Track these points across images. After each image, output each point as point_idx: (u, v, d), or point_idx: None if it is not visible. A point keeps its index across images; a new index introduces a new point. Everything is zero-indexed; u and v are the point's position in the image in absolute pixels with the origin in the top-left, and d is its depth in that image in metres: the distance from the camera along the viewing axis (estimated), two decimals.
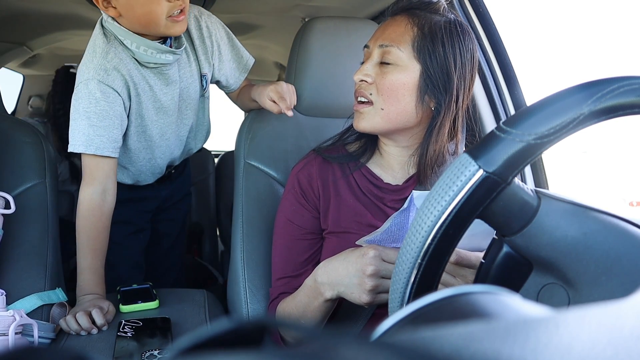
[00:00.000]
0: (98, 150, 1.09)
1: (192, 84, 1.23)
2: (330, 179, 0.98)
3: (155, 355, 0.87)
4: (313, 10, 1.76)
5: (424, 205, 0.49)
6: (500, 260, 0.52)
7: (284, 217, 1.00)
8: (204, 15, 1.21)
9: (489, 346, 0.19)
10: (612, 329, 0.21)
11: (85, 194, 1.11)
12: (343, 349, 0.19)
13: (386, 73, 0.89)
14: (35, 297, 1.03)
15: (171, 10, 1.04)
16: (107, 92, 1.08)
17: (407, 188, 0.95)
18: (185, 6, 1.07)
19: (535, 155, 0.47)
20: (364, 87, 0.90)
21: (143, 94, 1.15)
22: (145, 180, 1.36)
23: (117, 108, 1.10)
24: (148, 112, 1.18)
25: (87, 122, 1.08)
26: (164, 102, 1.19)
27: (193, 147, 1.39)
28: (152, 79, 1.15)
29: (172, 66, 1.16)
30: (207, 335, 0.21)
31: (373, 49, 0.91)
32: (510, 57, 1.35)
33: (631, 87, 0.45)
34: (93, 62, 1.10)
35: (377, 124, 0.91)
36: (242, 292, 1.08)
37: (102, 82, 1.08)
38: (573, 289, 0.48)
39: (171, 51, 1.12)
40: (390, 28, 0.91)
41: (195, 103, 1.27)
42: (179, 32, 1.10)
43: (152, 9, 1.03)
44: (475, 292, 0.29)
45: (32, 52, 2.21)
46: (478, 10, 1.35)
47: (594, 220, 0.48)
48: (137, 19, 1.06)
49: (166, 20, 1.05)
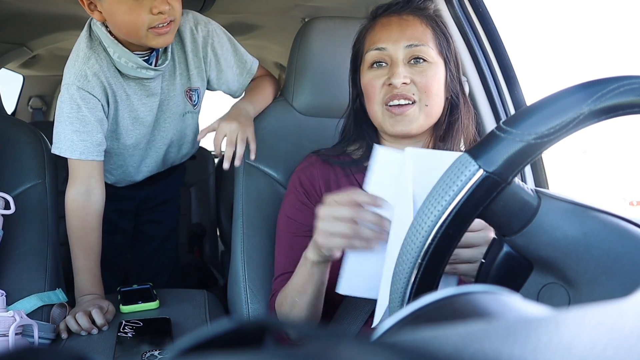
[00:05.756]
0: (83, 155, 1.09)
1: (174, 98, 1.21)
2: (332, 179, 0.99)
3: (155, 356, 0.87)
4: (313, 10, 1.76)
5: (424, 205, 0.49)
6: (501, 260, 0.52)
7: (286, 215, 1.00)
8: (200, 24, 1.17)
9: (490, 346, 0.19)
10: (612, 328, 0.21)
11: (68, 194, 1.11)
12: (343, 348, 0.19)
13: (423, 71, 0.90)
14: (36, 297, 1.03)
15: (153, 22, 1.01)
16: (87, 99, 1.08)
17: None
18: (172, 19, 1.03)
19: (535, 155, 0.47)
20: (407, 89, 0.90)
21: (120, 102, 1.14)
22: (118, 183, 1.35)
23: (98, 113, 1.10)
24: (124, 121, 1.17)
25: (70, 128, 1.08)
26: (141, 112, 1.17)
27: (176, 161, 1.37)
28: (132, 89, 1.14)
29: (155, 79, 1.14)
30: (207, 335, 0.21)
31: (396, 51, 0.90)
32: (510, 57, 1.35)
33: (631, 86, 0.45)
34: (75, 66, 1.09)
35: (423, 122, 0.92)
36: (243, 292, 1.08)
37: (81, 88, 1.07)
38: (573, 288, 0.48)
39: (152, 68, 1.10)
40: (408, 29, 0.91)
41: (176, 117, 1.24)
42: (162, 44, 1.07)
43: (132, 18, 1.00)
44: (475, 292, 0.29)
45: (32, 52, 2.20)
46: (478, 10, 1.35)
47: (594, 220, 0.48)
48: (118, 26, 1.04)
49: (147, 31, 1.02)
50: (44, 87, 3.17)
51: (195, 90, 1.22)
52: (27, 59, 2.40)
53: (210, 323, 1.07)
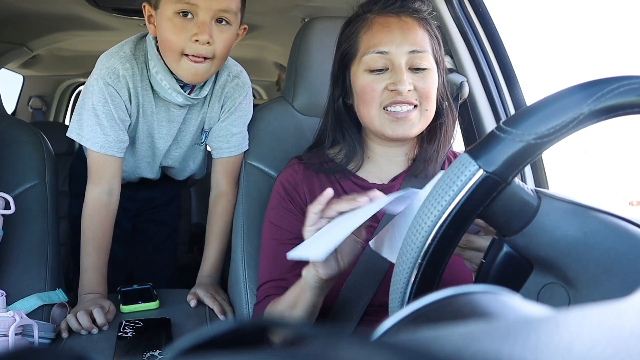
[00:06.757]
0: (102, 149, 1.09)
1: (191, 132, 1.21)
2: (316, 185, 0.97)
3: (155, 356, 0.87)
4: (313, 11, 1.76)
5: (424, 205, 0.49)
6: (501, 260, 0.52)
7: (270, 221, 0.98)
8: (238, 78, 1.17)
9: (490, 346, 0.19)
10: (613, 328, 0.21)
11: (91, 193, 1.11)
12: (343, 349, 0.19)
13: (424, 77, 0.90)
14: (36, 297, 1.03)
15: (189, 49, 1.00)
16: (114, 96, 1.08)
17: (393, 187, 0.96)
18: (211, 56, 1.01)
19: (536, 155, 0.47)
20: (410, 95, 0.89)
21: (142, 115, 1.13)
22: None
23: (121, 113, 1.09)
24: (140, 134, 1.17)
25: (95, 120, 1.08)
26: (157, 134, 1.17)
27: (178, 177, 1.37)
28: (157, 108, 1.13)
29: (182, 107, 1.14)
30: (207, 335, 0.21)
31: (399, 56, 0.89)
32: (510, 57, 1.35)
33: (631, 86, 0.45)
34: (110, 61, 1.08)
35: (421, 126, 0.92)
36: (243, 292, 1.08)
37: (110, 84, 1.07)
38: (573, 288, 0.48)
39: (184, 95, 1.09)
40: (409, 33, 0.90)
41: (186, 148, 1.24)
42: (191, 80, 1.06)
43: (173, 37, 1.00)
44: (475, 292, 0.29)
45: (32, 52, 2.20)
46: (478, 10, 1.35)
47: (594, 220, 0.48)
48: (162, 42, 1.04)
49: (182, 56, 1.01)
50: (44, 87, 3.17)
51: (205, 132, 1.22)
52: (27, 59, 2.40)
53: (210, 323, 1.07)
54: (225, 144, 1.19)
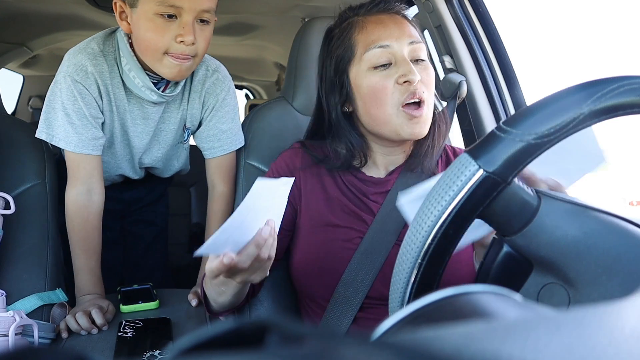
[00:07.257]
0: (77, 148, 1.07)
1: (172, 131, 1.19)
2: (314, 173, 0.98)
3: (155, 356, 0.87)
4: (313, 10, 1.76)
5: (424, 205, 0.49)
6: (501, 260, 0.52)
7: None
8: (217, 73, 1.15)
9: (490, 346, 0.19)
10: (613, 329, 0.21)
11: (69, 195, 1.10)
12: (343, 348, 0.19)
13: (426, 68, 0.90)
14: (36, 297, 1.03)
15: (172, 49, 0.99)
16: (84, 93, 1.05)
17: (389, 181, 0.96)
18: (194, 55, 1.01)
19: (535, 155, 0.47)
20: (419, 87, 0.87)
21: (116, 113, 1.11)
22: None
23: (92, 110, 1.07)
24: (116, 132, 1.15)
25: (65, 119, 1.06)
26: (132, 132, 1.15)
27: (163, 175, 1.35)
28: (131, 105, 1.11)
29: (157, 104, 1.12)
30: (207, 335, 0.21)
31: (402, 47, 0.88)
32: (510, 57, 1.35)
33: (631, 86, 0.45)
34: (77, 57, 1.06)
35: (430, 124, 0.92)
36: None
37: (78, 82, 1.04)
38: (573, 288, 0.48)
39: (158, 93, 1.08)
40: (404, 27, 0.90)
41: (168, 146, 1.22)
42: (173, 78, 1.05)
43: (155, 37, 0.98)
44: (475, 292, 0.29)
45: (32, 52, 2.20)
46: (478, 10, 1.35)
47: (594, 220, 0.48)
48: (140, 41, 1.02)
49: (164, 55, 1.00)
50: (44, 87, 3.14)
51: (187, 129, 1.20)
52: (27, 59, 2.40)
53: (210, 323, 1.07)
54: (217, 142, 1.18)
